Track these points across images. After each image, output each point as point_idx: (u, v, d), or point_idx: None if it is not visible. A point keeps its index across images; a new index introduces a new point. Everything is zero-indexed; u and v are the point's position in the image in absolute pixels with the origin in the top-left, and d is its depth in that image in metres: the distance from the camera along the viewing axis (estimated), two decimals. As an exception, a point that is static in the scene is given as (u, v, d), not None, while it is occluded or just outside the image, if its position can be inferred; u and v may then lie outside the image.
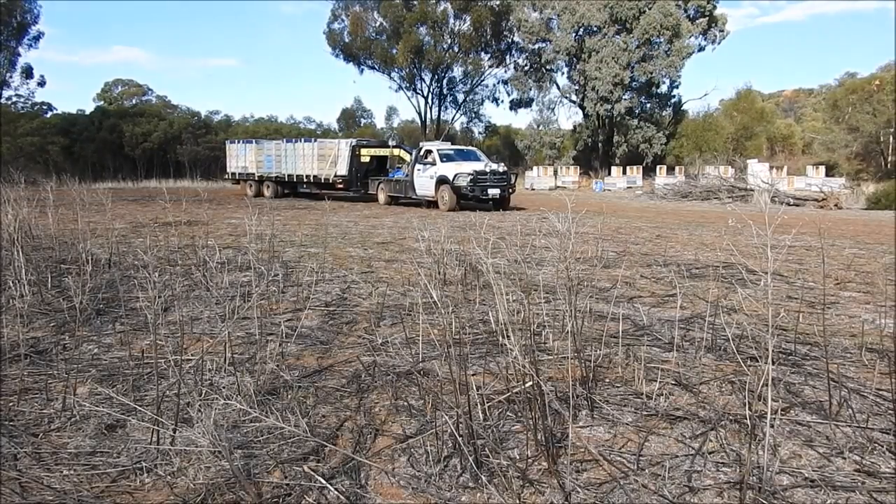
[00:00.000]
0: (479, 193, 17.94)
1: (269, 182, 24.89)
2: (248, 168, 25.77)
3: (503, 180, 18.61)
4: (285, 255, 7.83)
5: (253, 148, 25.71)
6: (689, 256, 8.47)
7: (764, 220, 2.50)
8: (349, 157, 21.80)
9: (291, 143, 24.33)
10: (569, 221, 3.25)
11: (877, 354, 3.91)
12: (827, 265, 7.69)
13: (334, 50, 46.51)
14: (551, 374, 3.52)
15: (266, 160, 24.83)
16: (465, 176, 17.97)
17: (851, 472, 2.47)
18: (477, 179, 17.97)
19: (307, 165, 23.13)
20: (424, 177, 19.21)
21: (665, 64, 38.32)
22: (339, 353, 3.98)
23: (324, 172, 22.46)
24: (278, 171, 24.18)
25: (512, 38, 44.78)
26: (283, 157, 24.07)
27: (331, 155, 22.35)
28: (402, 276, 6.47)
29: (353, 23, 44.45)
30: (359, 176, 21.99)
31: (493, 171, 18.54)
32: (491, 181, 18.22)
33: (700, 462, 2.55)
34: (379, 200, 21.49)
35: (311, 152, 23.14)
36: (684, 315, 4.96)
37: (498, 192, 18.25)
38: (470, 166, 18.60)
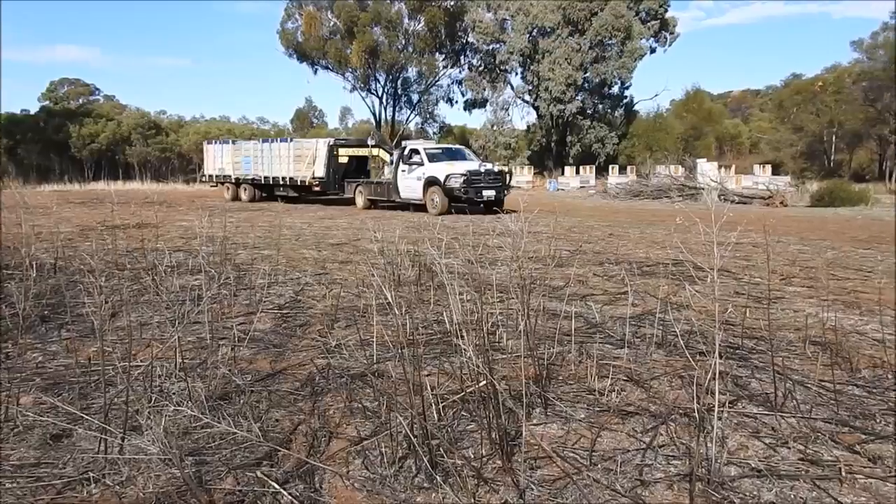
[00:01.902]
0: (473, 195, 16.67)
1: (246, 184, 23.91)
2: (224, 170, 24.77)
3: (498, 181, 17.49)
4: (238, 258, 7.73)
5: (230, 149, 24.79)
6: (641, 254, 8.61)
7: (711, 218, 2.56)
8: (326, 158, 20.91)
9: (268, 144, 23.46)
10: (521, 221, 3.28)
11: (820, 347, 4.03)
12: (772, 261, 7.89)
13: (288, 50, 46.15)
14: (505, 373, 3.54)
15: (244, 161, 23.93)
16: (457, 176, 16.72)
17: (796, 462, 2.54)
18: (471, 180, 16.71)
19: (283, 167, 22.24)
20: (410, 178, 17.91)
21: (617, 65, 38.90)
22: (293, 356, 3.95)
23: (300, 174, 21.54)
24: (255, 172, 23.29)
25: (466, 39, 45.01)
26: (259, 158, 23.18)
27: (308, 155, 21.47)
28: (356, 278, 6.44)
29: (306, 23, 44.13)
30: (336, 177, 21.05)
31: (487, 170, 17.43)
32: (485, 182, 17.01)
33: (651, 456, 2.59)
34: (357, 204, 20.22)
35: (287, 153, 22.22)
36: (635, 312, 5.04)
37: (493, 193, 17.03)
38: (462, 166, 17.43)
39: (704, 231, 2.57)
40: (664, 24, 40.43)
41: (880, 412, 3.02)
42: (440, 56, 46.86)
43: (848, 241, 11.04)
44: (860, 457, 2.58)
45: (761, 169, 31.27)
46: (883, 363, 3.75)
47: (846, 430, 2.82)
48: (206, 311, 4.20)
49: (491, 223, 12.48)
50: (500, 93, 44.50)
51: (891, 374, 3.58)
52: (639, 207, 21.66)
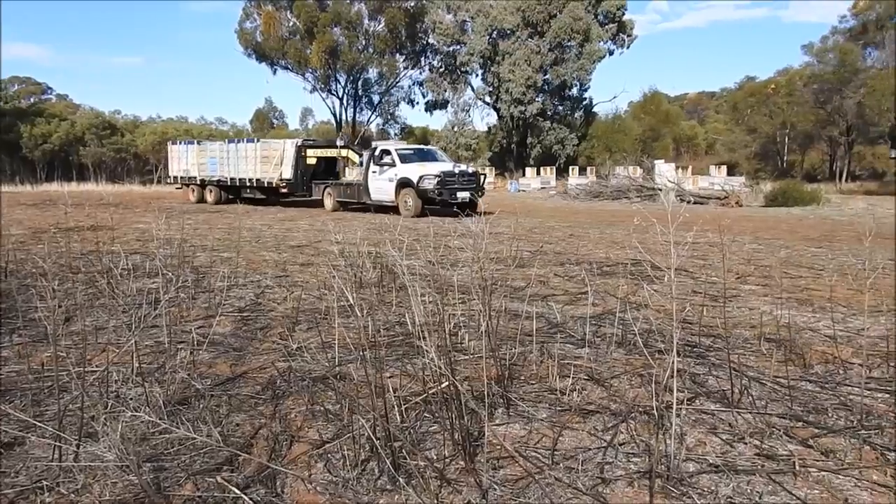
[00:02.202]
0: (447, 197, 16.20)
1: (212, 186, 23.11)
2: (190, 171, 23.98)
3: (472, 182, 17.11)
4: (196, 261, 7.61)
5: (195, 149, 24.00)
6: (601, 255, 8.71)
7: (668, 218, 2.60)
8: (294, 159, 20.36)
9: (234, 144, 22.73)
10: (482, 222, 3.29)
11: (774, 344, 4.12)
12: (728, 260, 8.05)
13: (246, 50, 45.64)
14: (468, 374, 3.55)
15: (209, 163, 23.15)
16: (431, 178, 16.30)
17: (752, 457, 2.59)
18: (445, 181, 16.30)
19: (250, 168, 21.56)
20: (382, 180, 17.47)
21: (576, 67, 39.30)
22: (254, 359, 3.90)
23: (267, 175, 20.90)
24: (221, 174, 22.59)
25: (427, 40, 45.07)
26: (225, 159, 22.45)
27: (275, 156, 20.84)
28: (317, 280, 6.40)
29: (265, 22, 43.70)
30: (305, 179, 20.54)
31: (461, 171, 17.04)
32: (459, 183, 16.60)
33: (612, 454, 2.62)
34: (325, 206, 19.66)
35: (253, 154, 21.53)
36: (596, 312, 5.10)
37: (467, 195, 16.52)
38: (436, 167, 17.03)
39: (662, 231, 2.61)
40: (622, 27, 40.98)
41: (832, 407, 3.10)
42: (401, 57, 46.85)
43: (800, 239, 11.31)
44: (813, 450, 2.65)
45: (717, 170, 31.88)
46: (834, 359, 3.86)
47: (800, 425, 2.89)
48: (163, 314, 4.13)
49: (452, 224, 12.50)
50: (460, 94, 44.70)
51: (842, 370, 3.68)
52: (598, 208, 21.91)
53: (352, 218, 15.95)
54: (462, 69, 42.97)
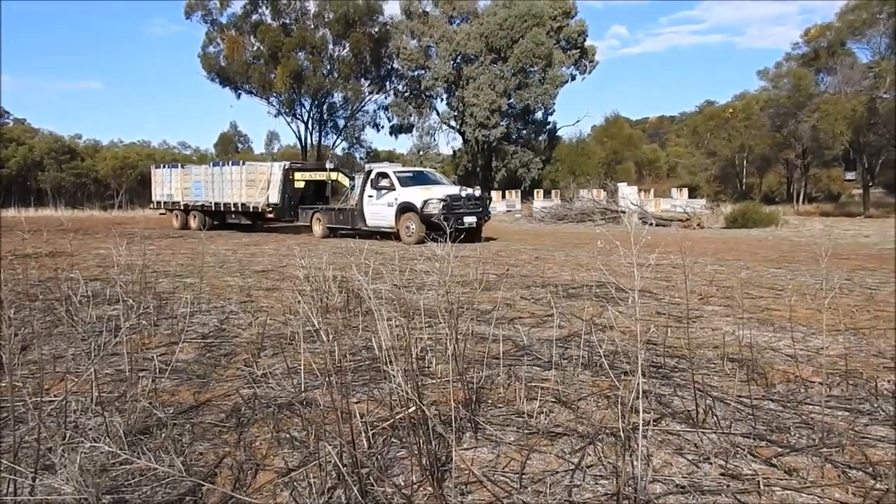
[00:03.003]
0: (453, 222, 14.45)
1: (196, 212, 22.25)
2: (173, 196, 23.17)
3: (478, 206, 16.29)
4: (158, 287, 7.49)
5: (178, 173, 23.20)
6: (566, 277, 8.77)
7: (632, 240, 2.63)
8: (281, 183, 19.56)
9: (218, 168, 21.89)
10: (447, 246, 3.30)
11: (737, 363, 4.18)
12: (691, 282, 8.17)
13: (210, 74, 45.36)
14: (435, 398, 3.53)
15: (194, 187, 22.33)
16: (436, 202, 15.39)
17: (717, 477, 2.62)
18: (451, 206, 15.41)
19: (235, 192, 20.71)
20: (380, 204, 16.60)
21: (539, 92, 39.80)
22: (217, 386, 3.84)
23: (253, 200, 20.08)
24: (206, 199, 21.77)
25: (391, 65, 45.31)
26: (210, 183, 21.64)
27: (261, 180, 20.04)
28: (282, 305, 6.33)
29: (229, 47, 43.56)
30: (292, 203, 19.77)
31: (468, 195, 16.16)
32: (466, 207, 15.73)
33: (579, 476, 2.63)
34: (314, 232, 18.75)
35: (239, 177, 20.70)
36: (562, 334, 5.12)
37: (474, 219, 15.76)
38: (440, 190, 16.13)
39: (625, 254, 2.64)
40: (584, 53, 41.67)
41: (794, 425, 3.15)
42: (366, 81, 47.00)
43: (760, 260, 11.53)
44: (777, 469, 2.68)
45: (679, 192, 32.42)
46: (795, 378, 3.92)
47: (763, 444, 2.93)
48: (124, 341, 4.06)
49: (418, 248, 12.51)
50: (425, 118, 44.93)
51: (803, 388, 3.75)
52: (563, 231, 22.11)
53: (320, 243, 15.83)
54: (427, 93, 43.26)
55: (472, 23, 41.25)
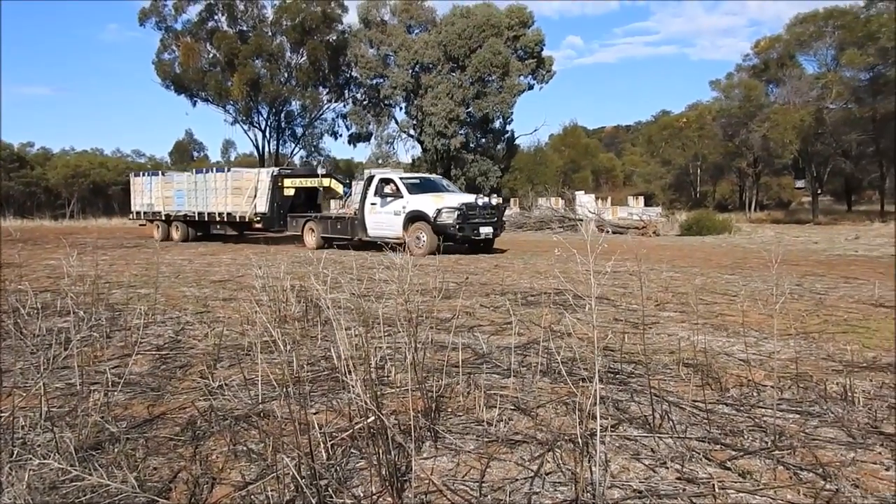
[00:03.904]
0: (468, 233, 14.42)
1: (178, 222, 21.10)
2: (154, 206, 21.94)
3: (494, 216, 15.29)
4: (111, 298, 7.33)
5: (160, 182, 22.01)
6: (525, 285, 8.83)
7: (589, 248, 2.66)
8: (270, 190, 18.46)
9: (202, 175, 20.72)
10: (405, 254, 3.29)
11: (692, 368, 4.25)
12: (647, 288, 8.29)
13: (165, 81, 44.65)
14: (394, 408, 3.52)
15: (176, 196, 21.16)
16: (451, 211, 14.38)
17: (674, 481, 2.65)
18: (467, 215, 14.45)
19: (220, 201, 19.53)
20: (385, 213, 15.51)
21: (497, 100, 40.08)
22: (172, 399, 3.76)
23: (240, 209, 18.92)
24: (188, 208, 20.59)
25: (350, 73, 45.15)
26: (193, 191, 20.47)
27: (248, 187, 18.90)
28: (240, 315, 6.25)
29: (184, 54, 42.93)
30: (282, 212, 18.63)
31: (485, 204, 15.11)
32: (482, 217, 14.76)
33: (539, 483, 2.64)
34: (306, 243, 17.45)
35: (224, 185, 19.52)
36: (521, 341, 5.15)
37: (490, 230, 14.90)
38: (454, 198, 15.10)
39: (582, 261, 2.67)
40: (541, 62, 42.07)
41: (747, 428, 3.21)
42: (324, 90, 46.76)
43: (714, 267, 11.76)
44: (731, 472, 2.73)
45: (635, 200, 32.92)
46: (748, 382, 4.00)
47: (718, 448, 2.98)
48: (75, 354, 3.95)
49: (377, 257, 12.46)
50: (384, 127, 44.85)
51: (755, 392, 3.83)
52: (522, 239, 22.25)
53: (276, 251, 15.62)
54: (385, 102, 43.20)
55: (431, 32, 41.39)
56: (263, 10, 44.26)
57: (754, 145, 39.59)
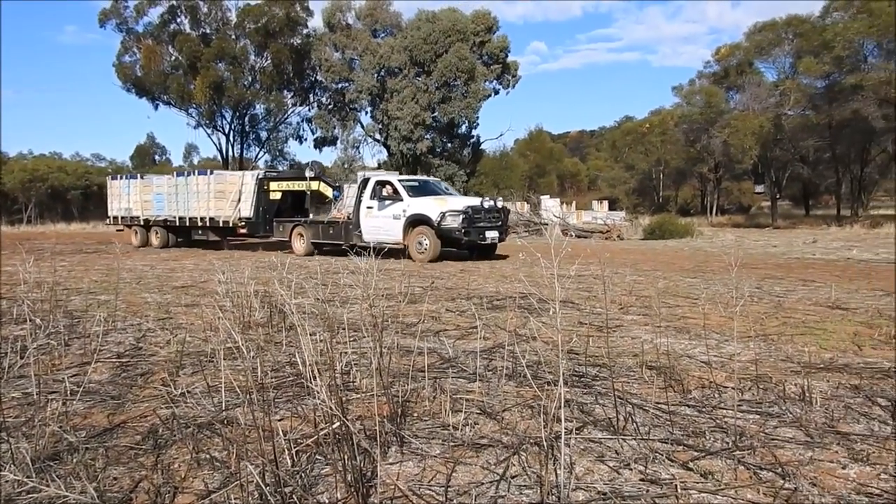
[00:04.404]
0: (474, 237, 13.82)
1: (158, 227, 20.21)
2: (132, 210, 20.96)
3: (499, 220, 14.72)
4: (70, 305, 7.19)
5: (138, 185, 21.01)
6: (491, 289, 8.86)
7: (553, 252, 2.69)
8: (255, 194, 17.72)
9: (183, 178, 19.82)
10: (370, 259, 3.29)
11: (655, 371, 4.31)
12: (611, 292, 8.37)
13: (125, 84, 43.89)
14: (360, 413, 3.51)
15: (155, 200, 20.23)
16: (455, 214, 13.76)
17: (637, 482, 2.68)
18: (472, 219, 13.85)
19: (202, 205, 18.66)
20: (382, 217, 14.84)
21: (463, 105, 40.17)
22: (133, 407, 3.70)
23: (223, 213, 18.12)
24: (169, 213, 19.75)
25: (315, 77, 44.87)
26: (174, 195, 19.61)
27: (232, 191, 18.13)
28: (203, 322, 6.17)
29: (145, 56, 42.25)
30: (268, 217, 17.89)
31: (490, 207, 14.51)
32: (487, 220, 14.20)
33: (504, 487, 2.65)
34: (295, 249, 16.64)
35: (206, 188, 18.64)
36: (487, 345, 5.17)
37: (496, 234, 14.37)
38: (458, 201, 14.55)
39: (547, 265, 2.69)
40: (506, 68, 42.28)
41: (709, 429, 3.27)
42: (288, 93, 46.40)
43: (677, 270, 11.93)
44: (693, 473, 2.77)
45: (599, 204, 33.28)
46: (710, 383, 4.07)
47: (680, 449, 3.02)
48: (32, 363, 3.87)
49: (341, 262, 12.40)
50: (350, 131, 44.61)
51: (717, 393, 3.89)
52: (488, 243, 22.29)
53: (247, 257, 15.43)
54: (351, 106, 43.03)
55: (396, 36, 41.35)
56: (227, 12, 43.81)
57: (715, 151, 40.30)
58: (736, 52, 41.49)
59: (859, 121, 30.58)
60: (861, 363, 4.62)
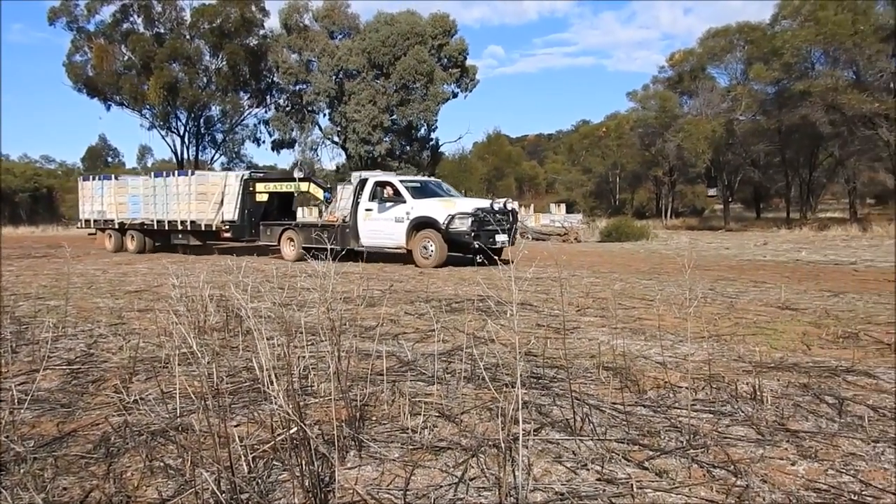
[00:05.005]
0: (484, 241, 12.67)
1: (134, 231, 19.14)
2: (105, 213, 19.82)
3: (508, 222, 13.83)
4: (18, 311, 6.99)
5: (112, 186, 19.88)
6: (450, 291, 8.88)
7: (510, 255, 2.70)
8: (239, 196, 16.85)
9: (161, 179, 18.79)
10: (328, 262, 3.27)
11: (612, 372, 4.36)
12: (569, 294, 8.46)
13: (76, 84, 42.85)
14: (318, 418, 3.48)
15: (131, 202, 19.19)
16: (464, 217, 13.02)
17: (594, 482, 2.71)
18: (482, 221, 13.11)
19: (183, 208, 17.71)
20: (383, 219, 14.03)
21: (422, 108, 40.19)
22: (84, 415, 3.61)
23: (205, 216, 17.18)
24: (146, 216, 18.67)
25: (272, 79, 44.41)
26: (151, 197, 18.60)
27: (214, 193, 17.20)
28: (157, 327, 6.06)
29: (97, 56, 41.30)
30: (253, 220, 17.02)
31: (500, 209, 13.80)
32: (496, 223, 13.34)
33: (463, 489, 2.65)
34: (284, 255, 15.68)
35: (187, 190, 17.71)
36: (445, 348, 5.18)
37: (506, 239, 13.47)
38: (467, 203, 13.83)
39: (504, 268, 2.71)
40: (465, 71, 42.42)
41: (664, 429, 3.32)
42: (245, 95, 45.83)
43: (633, 272, 12.10)
44: (649, 472, 2.81)
45: (557, 207, 33.49)
46: (665, 383, 4.14)
47: (636, 448, 3.07)
48: (-23, 371, 3.75)
49: (299, 265, 12.30)
50: (308, 133, 44.28)
51: (671, 393, 3.96)
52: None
53: (200, 261, 15.18)
54: (309, 108, 42.71)
55: (354, 38, 41.17)
56: (181, 12, 43.09)
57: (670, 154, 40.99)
58: (689, 57, 42.27)
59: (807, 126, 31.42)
60: (809, 362, 4.75)
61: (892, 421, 3.44)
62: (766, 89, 34.94)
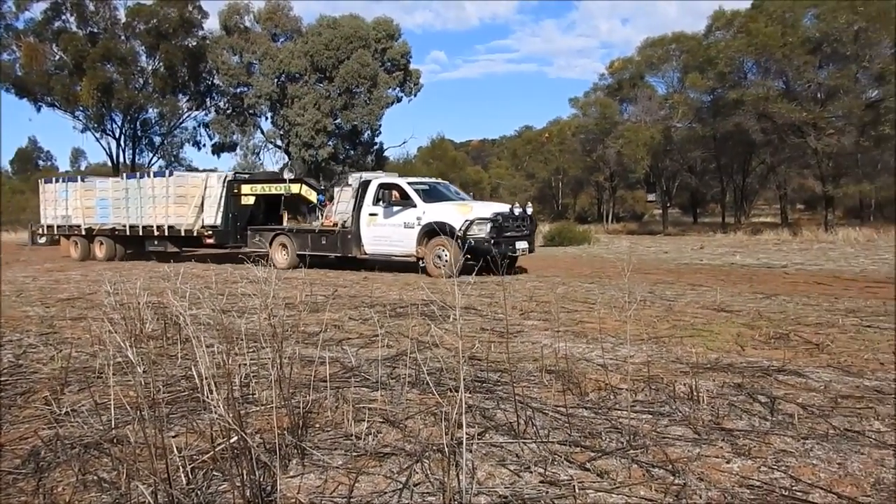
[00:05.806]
0: (503, 249, 11.85)
1: (103, 237, 17.66)
2: (71, 218, 18.24)
3: (527, 228, 13.04)
4: (-59, 320, 6.69)
5: (78, 189, 18.21)
6: (394, 296, 8.85)
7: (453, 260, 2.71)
8: (222, 198, 15.64)
9: (135, 180, 17.29)
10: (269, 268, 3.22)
11: (554, 375, 4.41)
12: (512, 298, 8.52)
13: (3, 84, 41.24)
14: (259, 426, 3.42)
15: (99, 206, 17.69)
16: (483, 223, 11.96)
17: (537, 484, 2.74)
18: (502, 228, 12.17)
19: (159, 212, 16.30)
20: (390, 225, 12.96)
21: (365, 112, 39.99)
22: (12, 429, 3.48)
23: (185, 221, 15.86)
24: (117, 220, 17.29)
25: (212, 81, 43.58)
26: (123, 200, 17.06)
27: (194, 195, 15.96)
28: (90, 336, 5.87)
29: (26, 55, 39.83)
30: (238, 225, 15.70)
31: (519, 215, 12.77)
32: (515, 229, 12.54)
33: (407, 495, 2.64)
34: (276, 262, 13.90)
35: (164, 192, 16.24)
36: (390, 354, 5.15)
37: (526, 246, 12.76)
38: (483, 208, 12.72)
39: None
40: (408, 75, 42.39)
41: (605, 430, 3.37)
42: (183, 97, 44.84)
43: (575, 276, 12.27)
44: (590, 473, 2.85)
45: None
46: (606, 385, 4.20)
47: (578, 450, 3.11)
48: None
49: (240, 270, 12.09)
50: (249, 136, 43.55)
51: (612, 395, 4.02)
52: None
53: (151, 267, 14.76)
54: (250, 111, 42.02)
55: (297, 41, 40.73)
56: (115, 11, 41.92)
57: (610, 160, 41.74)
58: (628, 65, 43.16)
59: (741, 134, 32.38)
60: (743, 362, 4.89)
61: (820, 418, 3.56)
62: (702, 98, 35.88)
